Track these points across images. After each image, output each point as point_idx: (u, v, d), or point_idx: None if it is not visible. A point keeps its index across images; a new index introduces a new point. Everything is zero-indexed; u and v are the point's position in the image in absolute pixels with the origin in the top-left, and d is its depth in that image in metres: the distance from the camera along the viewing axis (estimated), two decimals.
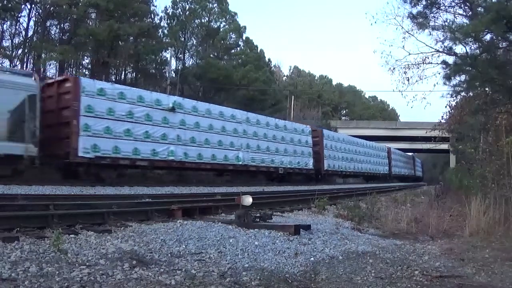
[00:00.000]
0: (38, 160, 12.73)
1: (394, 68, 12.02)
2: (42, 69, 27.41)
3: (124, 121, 15.27)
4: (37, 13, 26.64)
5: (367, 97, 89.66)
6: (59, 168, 14.70)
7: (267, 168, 22.28)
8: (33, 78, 13.15)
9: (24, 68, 25.94)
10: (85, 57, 31.09)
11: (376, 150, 37.59)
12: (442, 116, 21.09)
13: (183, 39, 36.70)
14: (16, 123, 12.34)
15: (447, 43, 10.17)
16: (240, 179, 20.64)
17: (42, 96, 13.22)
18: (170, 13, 36.63)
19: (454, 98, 14.74)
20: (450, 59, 10.66)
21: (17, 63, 25.99)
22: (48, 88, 14.34)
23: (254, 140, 21.37)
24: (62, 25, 28.47)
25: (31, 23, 26.42)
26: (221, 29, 38.43)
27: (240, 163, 20.33)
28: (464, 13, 11.60)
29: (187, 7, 37.12)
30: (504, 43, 9.85)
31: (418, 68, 11.68)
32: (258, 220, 6.57)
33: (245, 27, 39.83)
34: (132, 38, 28.76)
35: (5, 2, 23.66)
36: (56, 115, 14.22)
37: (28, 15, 26.00)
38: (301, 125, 26.85)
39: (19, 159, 12.31)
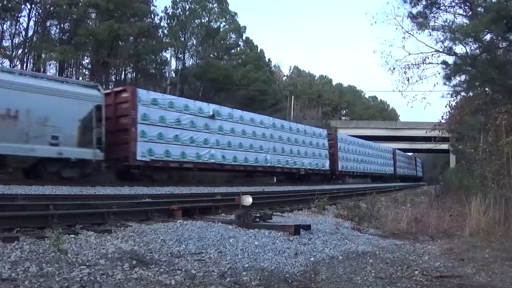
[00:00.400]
0: (103, 164, 14.41)
1: (394, 68, 12.03)
2: (42, 69, 27.43)
3: (173, 127, 17.03)
4: (37, 13, 26.65)
5: (367, 97, 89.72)
6: (117, 170, 16.20)
7: (290, 169, 24.32)
8: (98, 90, 14.78)
9: (24, 68, 25.96)
10: (85, 57, 31.09)
11: (383, 152, 40.10)
12: (442, 116, 21.10)
13: (183, 39, 36.68)
14: (85, 131, 13.93)
15: (447, 43, 10.19)
16: (261, 179, 22.84)
17: None
18: (170, 13, 36.62)
19: (454, 98, 14.75)
20: (450, 59, 10.67)
21: (17, 63, 26.01)
22: (106, 98, 15.21)
23: (279, 143, 23.46)
24: (62, 25, 28.46)
25: (31, 23, 26.46)
26: (221, 29, 38.42)
27: (268, 164, 22.25)
28: (464, 13, 11.61)
29: (187, 7, 37.10)
30: (504, 43, 9.86)
31: (418, 68, 11.68)
32: (258, 220, 6.57)
33: (245, 27, 39.86)
34: (132, 38, 28.76)
35: (5, 2, 23.66)
36: (114, 122, 15.51)
37: (28, 15, 26.03)
38: (318, 129, 29.04)
39: (88, 163, 13.98)
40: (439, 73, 11.24)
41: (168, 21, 36.50)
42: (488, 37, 9.54)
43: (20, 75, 13.44)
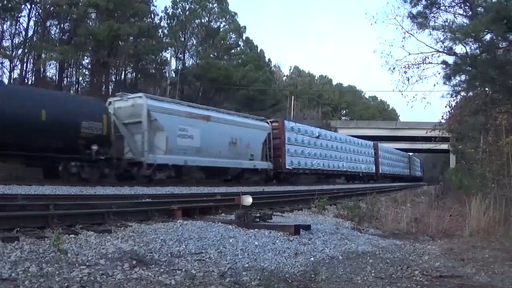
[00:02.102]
0: (271, 171, 22.48)
1: (394, 68, 12.02)
2: (42, 69, 27.44)
3: (300, 146, 25.30)
4: (37, 13, 26.64)
5: (367, 97, 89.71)
6: (274, 174, 23.27)
7: (354, 173, 32.98)
8: (267, 123, 23.15)
9: (24, 68, 26.01)
10: (85, 57, 31.09)
11: (402, 157, 48.68)
12: (442, 116, 21.09)
13: (183, 39, 36.68)
14: (263, 150, 22.06)
15: (447, 43, 10.18)
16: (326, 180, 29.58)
17: None
18: (170, 13, 36.62)
19: (454, 98, 14.73)
20: (450, 59, 10.67)
21: (17, 63, 26.02)
22: None
23: (349, 154, 32.25)
24: (62, 25, 28.47)
25: (31, 23, 26.44)
26: (221, 29, 38.41)
27: (345, 169, 31.23)
28: (464, 13, 11.61)
29: (187, 7, 37.10)
30: (504, 43, 9.84)
31: (418, 68, 11.67)
32: (258, 220, 6.57)
33: (245, 27, 39.87)
34: (132, 38, 28.74)
35: (5, 2, 23.65)
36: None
37: (28, 15, 26.01)
38: (366, 141, 37.11)
39: (266, 171, 22.06)
40: (439, 73, 11.25)
41: (168, 21, 36.51)
42: (488, 37, 9.55)
43: (235, 115, 21.41)
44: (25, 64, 25.95)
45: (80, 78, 31.24)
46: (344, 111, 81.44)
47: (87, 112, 14.39)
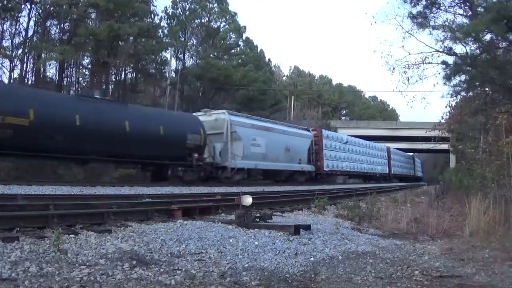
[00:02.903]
0: (313, 173, 26.74)
1: (394, 68, 12.00)
2: (42, 69, 27.42)
3: (333, 151, 29.94)
4: (37, 13, 26.59)
5: (367, 97, 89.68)
6: (315, 175, 27.52)
7: (372, 174, 37.22)
8: (309, 131, 27.89)
9: (24, 68, 26.00)
10: (85, 57, 31.05)
11: (406, 158, 52.40)
12: (442, 116, 21.11)
13: (183, 39, 36.67)
14: (308, 155, 26.77)
15: (447, 43, 10.18)
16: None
17: None
18: (170, 13, 36.61)
19: (454, 98, 14.73)
20: (450, 59, 10.66)
21: (17, 63, 26.00)
22: None
23: (369, 157, 36.82)
24: (62, 25, 28.40)
25: (31, 23, 26.38)
26: (221, 29, 38.39)
27: (365, 171, 35.72)
28: (464, 13, 11.60)
29: (187, 7, 37.09)
30: (504, 43, 9.85)
31: (418, 68, 11.64)
32: (258, 220, 6.56)
33: (245, 27, 39.86)
34: (132, 38, 28.71)
35: (5, 2, 23.62)
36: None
37: (28, 15, 25.96)
38: (382, 145, 41.82)
39: (310, 173, 26.40)
40: (439, 73, 11.22)
41: (168, 21, 36.50)
42: (488, 37, 9.55)
43: (288, 126, 26.43)
44: (25, 64, 25.95)
45: (80, 78, 31.25)
46: (344, 111, 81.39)
47: (189, 127, 18.04)
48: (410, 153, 55.80)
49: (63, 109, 13.85)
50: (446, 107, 19.70)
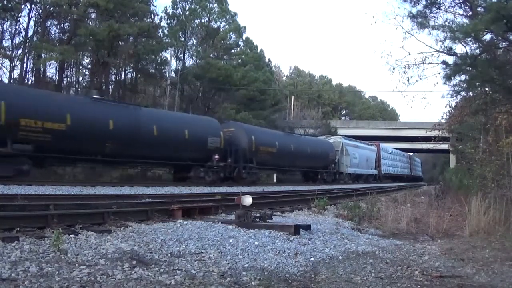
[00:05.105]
0: (377, 175, 39.56)
1: (394, 68, 11.98)
2: (42, 69, 27.40)
3: (385, 159, 41.73)
4: (37, 13, 26.56)
5: (367, 97, 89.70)
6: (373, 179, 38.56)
7: (401, 175, 47.40)
8: (374, 146, 39.75)
9: (24, 68, 25.97)
10: (85, 57, 31.05)
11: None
12: (442, 116, 21.08)
13: (183, 39, 36.62)
14: (375, 163, 39.21)
15: (447, 43, 10.16)
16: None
17: None
18: (170, 13, 36.56)
19: (454, 98, 14.72)
20: (450, 59, 10.64)
21: (17, 63, 25.97)
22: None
23: (399, 163, 48.22)
24: (62, 25, 28.39)
25: (31, 23, 26.34)
26: (221, 29, 38.35)
27: (397, 173, 45.84)
28: (464, 13, 11.60)
29: (187, 7, 37.05)
30: (504, 43, 9.84)
31: (418, 68, 11.61)
32: (258, 220, 6.56)
33: (245, 27, 39.80)
34: (132, 38, 28.70)
35: (5, 2, 23.61)
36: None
37: (28, 15, 25.93)
38: (405, 153, 52.24)
39: (375, 176, 39.14)
40: (439, 73, 11.21)
41: (168, 21, 36.46)
42: (488, 37, 9.54)
43: (366, 143, 38.71)
44: (25, 64, 25.90)
45: (80, 78, 31.23)
46: (344, 111, 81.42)
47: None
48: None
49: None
50: (446, 107, 19.72)
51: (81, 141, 14.08)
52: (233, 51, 39.91)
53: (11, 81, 24.61)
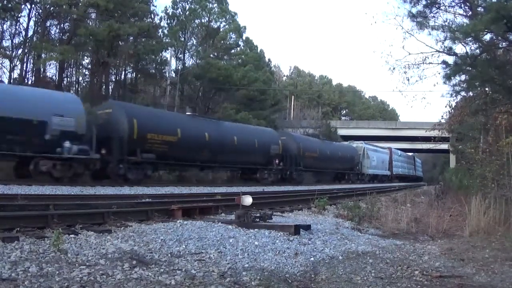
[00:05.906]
0: (390, 176, 44.39)
1: (394, 68, 11.97)
2: (42, 69, 27.39)
3: (395, 161, 46.60)
4: (37, 13, 26.56)
5: (367, 97, 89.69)
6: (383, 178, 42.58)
7: (408, 176, 51.33)
8: (387, 149, 45.24)
9: (24, 68, 25.97)
10: (85, 57, 31.04)
11: (419, 162, 64.91)
12: (442, 116, 21.07)
13: (183, 39, 36.63)
14: (389, 164, 44.84)
15: (447, 43, 10.16)
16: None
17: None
18: (170, 13, 36.58)
19: (454, 98, 14.71)
20: (450, 59, 10.63)
21: (17, 63, 25.97)
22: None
23: (407, 164, 52.67)
24: (62, 25, 28.39)
25: (31, 23, 26.35)
26: (221, 29, 38.37)
27: (405, 174, 50.02)
28: (464, 13, 11.59)
29: (187, 7, 37.06)
30: (504, 43, 9.84)
31: (418, 68, 11.61)
32: (258, 220, 6.55)
33: (245, 27, 39.84)
34: (132, 38, 28.69)
35: (5, 2, 23.60)
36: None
37: (28, 15, 25.93)
38: (409, 154, 56.22)
39: (388, 176, 44.16)
40: (439, 73, 11.20)
41: (168, 21, 36.48)
42: (488, 37, 9.54)
43: (381, 148, 43.92)
44: (25, 64, 25.89)
45: (80, 78, 31.23)
46: (344, 111, 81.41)
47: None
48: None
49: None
50: (446, 107, 19.71)
51: (187, 150, 17.89)
52: (233, 51, 39.92)
53: (11, 81, 24.59)
